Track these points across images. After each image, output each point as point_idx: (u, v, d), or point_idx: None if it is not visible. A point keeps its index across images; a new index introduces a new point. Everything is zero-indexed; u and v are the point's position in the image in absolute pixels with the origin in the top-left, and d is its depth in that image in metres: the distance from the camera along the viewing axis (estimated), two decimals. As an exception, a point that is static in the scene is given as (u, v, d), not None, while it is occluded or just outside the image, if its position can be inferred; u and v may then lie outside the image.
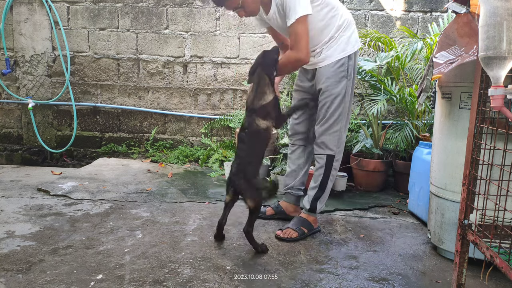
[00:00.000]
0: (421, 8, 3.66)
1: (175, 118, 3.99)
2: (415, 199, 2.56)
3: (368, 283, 1.72)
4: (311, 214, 2.22)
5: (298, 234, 2.13)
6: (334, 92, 2.07)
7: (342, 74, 2.07)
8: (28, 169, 3.62)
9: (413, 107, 3.11)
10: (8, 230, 2.13)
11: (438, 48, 1.82)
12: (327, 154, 2.12)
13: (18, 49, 3.91)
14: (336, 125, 2.10)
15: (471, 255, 1.52)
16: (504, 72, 1.15)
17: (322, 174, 2.15)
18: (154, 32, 3.85)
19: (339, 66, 2.07)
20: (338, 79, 2.07)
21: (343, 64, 2.07)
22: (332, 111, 2.09)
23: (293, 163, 2.37)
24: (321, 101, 2.12)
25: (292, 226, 2.17)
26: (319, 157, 2.16)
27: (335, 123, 2.10)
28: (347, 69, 2.07)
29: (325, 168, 2.14)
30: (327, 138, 2.11)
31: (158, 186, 3.04)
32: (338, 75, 2.06)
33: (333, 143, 2.12)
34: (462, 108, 1.85)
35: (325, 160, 2.13)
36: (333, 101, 2.08)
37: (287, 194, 2.40)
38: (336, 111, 2.09)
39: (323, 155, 2.13)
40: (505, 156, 1.35)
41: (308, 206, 2.20)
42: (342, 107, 2.09)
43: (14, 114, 4.06)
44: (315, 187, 2.18)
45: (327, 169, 2.14)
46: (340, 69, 2.07)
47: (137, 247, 1.97)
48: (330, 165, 2.14)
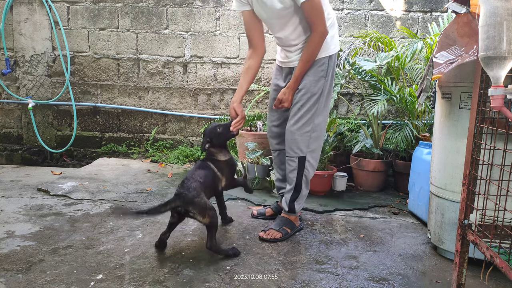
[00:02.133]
0: (421, 8, 3.66)
1: (175, 118, 3.99)
2: (415, 199, 2.56)
3: (368, 283, 1.72)
4: (291, 214, 2.22)
5: (281, 234, 2.12)
6: (311, 90, 2.02)
7: (321, 74, 2.03)
8: (28, 169, 3.62)
9: (413, 107, 3.11)
10: (8, 230, 2.13)
11: (438, 48, 1.82)
12: (298, 157, 2.08)
13: (18, 49, 3.91)
14: (307, 126, 2.05)
15: (471, 255, 1.52)
16: (504, 72, 1.15)
17: (295, 176, 2.12)
18: (154, 32, 3.85)
19: (319, 66, 2.03)
20: (316, 78, 2.03)
21: (323, 63, 2.03)
22: (305, 110, 2.04)
23: (280, 168, 2.37)
24: (296, 99, 2.06)
25: (275, 227, 2.16)
26: (290, 159, 2.12)
27: (307, 124, 2.04)
28: (327, 69, 2.04)
29: (298, 170, 2.11)
30: (298, 138, 2.06)
31: (158, 186, 3.03)
32: (317, 74, 2.02)
33: (304, 144, 2.07)
34: (462, 108, 1.85)
35: (297, 163, 2.10)
36: (308, 100, 2.03)
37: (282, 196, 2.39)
38: (310, 111, 2.04)
39: (294, 158, 2.09)
40: (505, 156, 1.35)
41: (287, 208, 2.20)
42: (316, 108, 2.04)
43: (14, 114, 4.06)
44: (291, 189, 2.17)
45: (300, 171, 2.11)
46: (320, 68, 2.03)
47: (137, 247, 1.97)
48: (302, 166, 2.10)
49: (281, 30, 2.03)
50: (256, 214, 2.45)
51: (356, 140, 3.25)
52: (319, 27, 1.90)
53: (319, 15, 1.88)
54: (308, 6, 1.85)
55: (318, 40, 1.93)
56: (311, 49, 1.95)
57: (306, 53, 1.97)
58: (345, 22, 3.71)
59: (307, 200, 2.83)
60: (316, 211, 2.62)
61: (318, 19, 1.88)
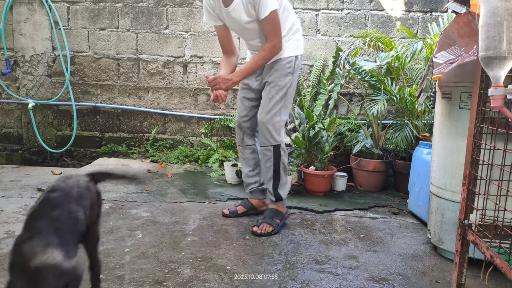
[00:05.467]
0: (421, 8, 3.66)
1: (175, 118, 3.99)
2: (415, 199, 2.56)
3: (368, 283, 1.72)
4: (279, 202, 2.32)
5: (273, 227, 2.21)
6: (280, 84, 2.21)
7: (288, 70, 2.22)
8: (28, 169, 3.62)
9: (413, 107, 3.11)
10: (8, 230, 2.13)
11: (438, 48, 1.82)
12: (273, 145, 2.22)
13: (18, 49, 3.91)
14: (277, 116, 2.21)
15: (471, 255, 1.52)
16: (504, 72, 1.15)
17: (272, 164, 2.25)
18: (154, 32, 3.85)
19: (287, 62, 2.22)
20: (284, 73, 2.21)
21: (290, 61, 2.22)
22: (275, 102, 2.20)
23: (248, 164, 2.47)
24: (266, 91, 2.24)
25: (266, 220, 2.25)
26: (266, 149, 2.24)
27: (277, 114, 2.21)
28: (293, 67, 2.23)
29: (274, 158, 2.24)
30: (270, 128, 2.20)
31: (158, 186, 3.04)
32: (285, 70, 2.21)
33: (276, 133, 2.21)
34: (462, 108, 1.85)
35: (272, 151, 2.23)
36: (278, 93, 2.20)
37: (253, 192, 2.49)
38: (279, 103, 2.21)
39: (269, 147, 2.22)
40: (505, 156, 1.35)
41: (273, 197, 2.30)
42: (284, 101, 2.22)
43: (14, 114, 4.06)
44: (270, 178, 2.28)
45: (276, 159, 2.24)
46: (288, 65, 2.22)
47: (137, 247, 1.97)
48: (278, 154, 2.24)
49: (251, 39, 2.26)
50: (227, 213, 2.48)
51: (356, 140, 3.25)
52: (274, 40, 2.11)
53: (275, 30, 2.09)
54: (266, 21, 2.06)
55: (270, 49, 2.13)
56: (263, 55, 2.15)
57: (258, 57, 2.16)
58: (345, 22, 3.71)
59: (307, 200, 2.84)
60: (316, 211, 2.62)
61: (273, 33, 2.10)
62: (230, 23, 2.24)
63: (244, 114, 2.41)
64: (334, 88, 3.20)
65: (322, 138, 3.05)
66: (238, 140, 2.48)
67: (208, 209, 2.57)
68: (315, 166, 3.01)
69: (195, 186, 3.07)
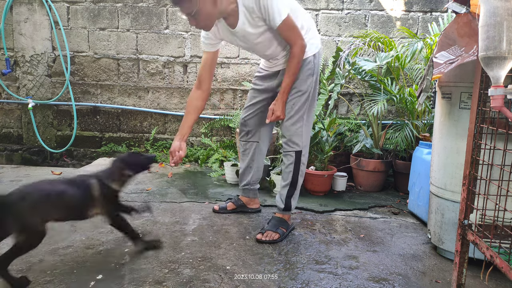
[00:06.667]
0: (421, 8, 3.66)
1: (175, 118, 3.99)
2: (415, 199, 2.56)
3: (368, 283, 1.72)
4: (286, 213, 2.24)
5: (279, 235, 2.13)
6: (302, 89, 2.09)
7: (309, 72, 2.10)
8: (28, 169, 3.61)
9: (413, 107, 3.11)
10: (8, 230, 2.12)
11: (438, 48, 1.82)
12: (295, 151, 2.14)
13: (18, 49, 3.91)
14: (300, 122, 2.12)
15: (471, 255, 1.52)
16: (504, 72, 1.15)
17: (292, 171, 2.16)
18: (154, 32, 3.85)
19: (307, 64, 2.09)
20: (305, 76, 2.09)
21: (310, 62, 2.10)
22: (297, 108, 2.10)
23: (245, 160, 2.44)
24: (290, 97, 2.12)
25: (271, 228, 2.17)
26: (288, 154, 2.16)
27: (299, 120, 2.12)
28: (313, 67, 2.11)
29: (295, 164, 2.15)
30: (293, 135, 2.13)
31: (158, 186, 3.03)
32: (305, 73, 2.09)
33: (299, 139, 2.13)
34: (462, 108, 1.85)
35: (294, 157, 2.15)
36: (300, 98, 2.10)
37: (245, 190, 2.49)
38: (301, 109, 2.11)
39: (292, 152, 2.15)
40: (505, 156, 1.35)
41: (283, 205, 2.21)
42: (307, 105, 2.12)
43: (14, 114, 4.06)
44: (287, 184, 2.19)
45: (297, 165, 2.16)
46: (307, 67, 2.09)
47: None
48: (299, 161, 2.16)
49: (266, 50, 2.12)
50: (217, 209, 2.51)
51: (356, 140, 3.25)
52: (297, 42, 1.98)
53: (294, 31, 1.97)
54: (282, 29, 1.93)
55: (299, 53, 2.01)
56: (295, 62, 2.02)
57: (292, 67, 2.03)
58: (345, 22, 3.71)
59: (307, 200, 2.84)
60: (316, 211, 2.62)
61: (294, 35, 1.97)
62: (240, 43, 2.12)
63: (250, 112, 2.36)
64: (334, 88, 3.20)
65: (322, 138, 3.05)
66: (242, 135, 2.43)
67: (208, 209, 2.57)
68: (315, 166, 3.01)
69: (195, 186, 3.07)
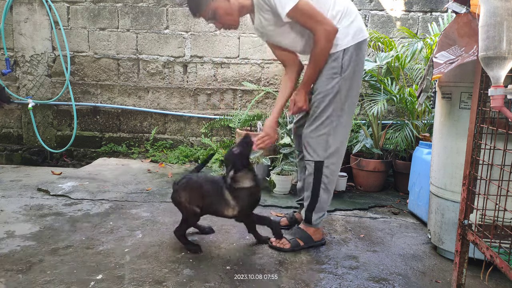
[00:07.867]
0: (421, 8, 3.66)
1: (175, 118, 3.99)
2: (415, 199, 2.56)
3: (368, 283, 1.71)
4: (309, 226, 2.04)
5: (290, 245, 1.99)
6: (324, 90, 1.85)
7: (334, 71, 1.83)
8: (28, 169, 3.62)
9: (413, 107, 3.11)
10: (8, 230, 2.13)
11: (438, 48, 1.82)
12: (315, 161, 1.90)
13: (18, 49, 3.91)
14: (323, 128, 1.87)
15: (471, 255, 1.52)
16: (504, 72, 1.15)
17: (311, 183, 1.95)
18: (154, 32, 3.85)
19: (331, 61, 1.83)
20: (328, 76, 1.84)
21: (336, 59, 1.82)
22: (320, 111, 1.86)
23: (299, 172, 2.24)
24: (313, 99, 1.91)
25: (288, 236, 2.04)
26: (307, 163, 1.95)
27: (322, 125, 1.87)
28: (341, 65, 1.82)
29: (314, 176, 1.93)
30: (313, 141, 1.90)
31: (158, 186, 3.03)
32: (329, 71, 1.84)
33: (320, 148, 1.89)
34: (462, 108, 1.85)
35: (313, 168, 1.92)
36: (322, 100, 1.85)
37: (300, 206, 2.28)
38: (325, 112, 1.86)
39: (311, 162, 1.92)
40: (505, 156, 1.35)
41: (303, 217, 2.05)
42: (332, 109, 1.85)
43: (14, 114, 4.06)
44: (308, 197, 1.99)
45: (317, 177, 1.93)
46: (332, 64, 1.83)
47: (137, 247, 1.97)
48: (319, 173, 1.91)
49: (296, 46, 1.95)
50: None
51: (356, 140, 3.25)
52: (318, 27, 1.74)
53: (313, 17, 1.73)
54: (294, 14, 1.73)
55: (322, 40, 1.76)
56: (317, 50, 1.79)
57: (313, 55, 1.82)
58: (345, 22, 3.71)
59: (307, 200, 2.84)
60: (316, 211, 2.62)
61: (313, 21, 1.74)
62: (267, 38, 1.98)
63: (298, 118, 2.15)
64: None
65: (322, 138, 3.04)
66: (295, 145, 2.23)
67: (208, 209, 2.57)
68: (315, 166, 3.00)
69: (195, 186, 3.06)
